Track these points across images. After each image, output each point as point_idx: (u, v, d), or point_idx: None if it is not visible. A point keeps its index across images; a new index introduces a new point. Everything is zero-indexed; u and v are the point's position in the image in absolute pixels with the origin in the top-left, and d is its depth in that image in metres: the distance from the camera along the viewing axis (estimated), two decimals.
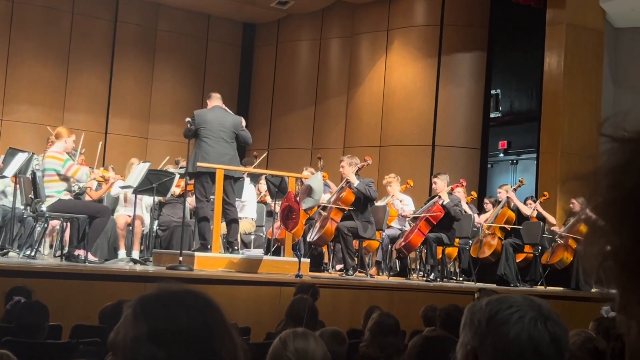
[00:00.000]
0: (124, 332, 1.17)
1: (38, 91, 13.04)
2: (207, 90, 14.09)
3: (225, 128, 7.60)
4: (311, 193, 7.14)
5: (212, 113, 7.71)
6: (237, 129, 7.71)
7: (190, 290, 1.22)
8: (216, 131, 7.54)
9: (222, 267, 7.24)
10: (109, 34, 13.86)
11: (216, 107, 7.78)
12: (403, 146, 12.82)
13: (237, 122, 7.77)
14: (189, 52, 14.51)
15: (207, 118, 7.60)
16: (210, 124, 7.55)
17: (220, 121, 7.61)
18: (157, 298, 1.19)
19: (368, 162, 8.84)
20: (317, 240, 8.49)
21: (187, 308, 1.17)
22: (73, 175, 7.32)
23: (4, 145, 10.03)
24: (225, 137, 7.58)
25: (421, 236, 8.75)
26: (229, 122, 7.67)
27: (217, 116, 7.64)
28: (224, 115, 7.72)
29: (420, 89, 12.87)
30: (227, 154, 7.57)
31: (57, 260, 7.78)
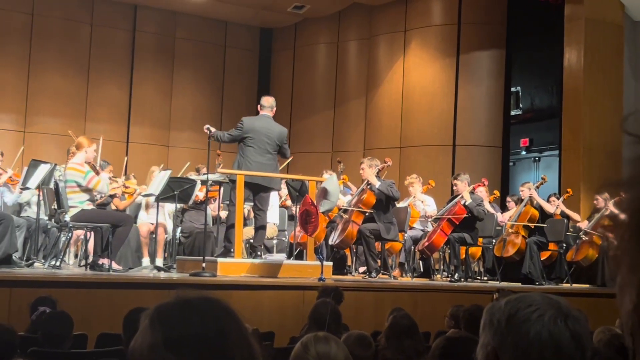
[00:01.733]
0: (141, 341, 1.18)
1: (59, 102, 13.17)
2: (226, 96, 14.19)
3: (271, 139, 7.65)
4: (327, 195, 7.13)
5: (260, 121, 7.73)
6: (282, 141, 7.75)
7: (206, 298, 1.22)
8: (262, 142, 7.59)
9: (244, 272, 7.25)
10: (127, 44, 13.97)
11: (265, 115, 7.80)
12: (423, 146, 12.78)
13: (283, 134, 7.81)
14: (207, 59, 14.58)
15: (255, 126, 7.63)
16: (258, 133, 7.59)
17: (267, 131, 7.65)
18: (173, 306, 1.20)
19: (388, 164, 8.82)
20: (339, 243, 8.48)
21: (203, 315, 1.17)
22: (95, 188, 7.37)
23: (27, 157, 10.12)
24: (269, 148, 7.63)
25: (444, 237, 8.71)
26: (276, 134, 7.71)
27: (264, 125, 7.67)
28: (271, 126, 7.75)
29: (440, 88, 12.83)
30: (269, 165, 7.61)
31: (82, 270, 7.83)
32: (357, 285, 7.40)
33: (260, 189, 7.55)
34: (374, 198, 8.34)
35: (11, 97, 12.88)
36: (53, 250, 7.97)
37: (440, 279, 9.56)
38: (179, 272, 7.75)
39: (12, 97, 12.88)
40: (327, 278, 7.22)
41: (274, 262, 7.59)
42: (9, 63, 12.87)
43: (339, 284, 6.71)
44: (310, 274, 7.41)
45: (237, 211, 7.36)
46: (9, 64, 12.87)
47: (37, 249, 8.19)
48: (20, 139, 12.66)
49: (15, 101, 12.91)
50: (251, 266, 7.34)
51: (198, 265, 7.10)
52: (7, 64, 12.86)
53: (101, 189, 7.44)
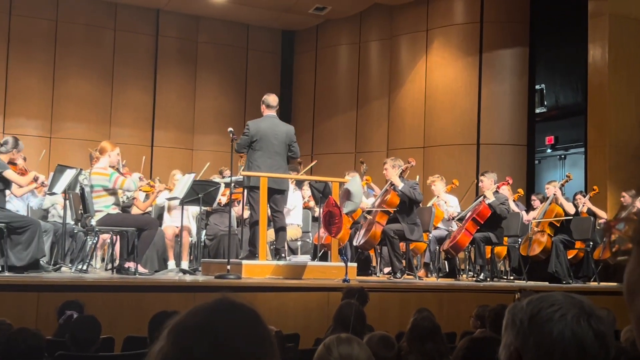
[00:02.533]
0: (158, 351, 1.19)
1: (84, 108, 13.30)
2: (250, 99, 14.24)
3: (279, 140, 7.59)
4: (350, 196, 7.12)
5: (266, 122, 7.66)
6: (291, 140, 7.70)
7: (218, 315, 1.21)
8: (270, 144, 7.53)
9: (269, 275, 7.26)
10: (151, 48, 14.08)
11: (269, 116, 7.73)
12: (447, 146, 12.74)
13: (291, 133, 7.74)
14: (229, 62, 14.65)
15: (261, 129, 7.56)
16: (265, 135, 7.52)
17: (274, 132, 7.58)
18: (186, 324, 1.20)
19: (412, 164, 8.80)
20: (363, 244, 8.48)
21: (215, 335, 1.17)
22: (121, 186, 7.43)
23: (53, 162, 10.25)
24: (278, 150, 7.57)
25: (469, 236, 8.67)
26: (283, 134, 7.65)
27: (271, 126, 7.61)
28: (278, 125, 7.70)
29: (463, 87, 12.78)
30: (279, 167, 7.57)
31: (109, 274, 7.90)
32: (382, 286, 7.40)
33: (272, 191, 7.54)
34: (398, 199, 8.32)
35: (37, 104, 13.03)
36: (80, 255, 8.05)
37: (465, 278, 9.52)
38: (204, 274, 7.79)
39: (37, 103, 13.03)
40: (352, 279, 7.21)
41: (298, 264, 7.60)
42: (34, 69, 13.02)
43: (363, 285, 6.71)
44: (334, 275, 7.41)
45: (260, 213, 7.38)
46: (34, 71, 13.03)
47: (64, 254, 8.27)
48: (46, 145, 12.80)
49: (41, 107, 13.06)
50: (276, 268, 7.35)
51: (223, 267, 7.13)
52: (32, 71, 13.02)
53: (128, 186, 7.50)
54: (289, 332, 5.09)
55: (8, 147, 7.09)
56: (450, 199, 9.86)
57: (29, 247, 6.82)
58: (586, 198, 9.90)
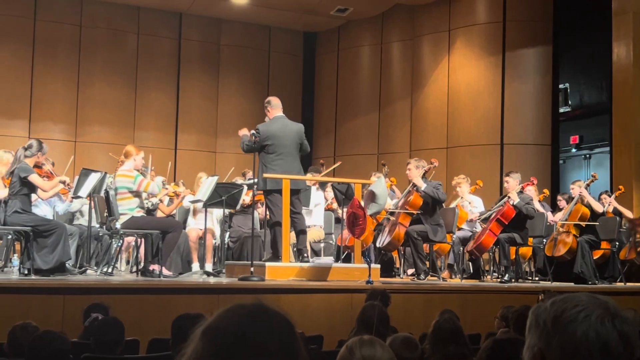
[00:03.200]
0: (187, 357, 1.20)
1: (108, 112, 13.42)
2: None
3: (291, 139, 7.56)
4: (375, 198, 7.10)
5: (277, 124, 7.65)
6: (301, 138, 7.69)
7: (253, 321, 1.22)
8: (282, 144, 7.51)
9: (293, 276, 7.27)
10: (173, 52, 14.17)
11: (279, 117, 7.73)
12: (471, 146, 12.68)
13: (301, 131, 7.72)
14: (251, 64, 14.70)
15: (272, 130, 7.54)
16: (277, 138, 7.50)
17: (285, 132, 7.56)
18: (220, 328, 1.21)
19: (435, 165, 8.77)
20: (386, 246, 8.46)
21: (249, 340, 1.18)
22: (146, 189, 7.48)
23: (78, 166, 10.35)
24: (291, 150, 7.55)
25: (493, 237, 8.61)
26: (294, 132, 7.63)
27: (281, 127, 7.60)
28: (288, 125, 7.68)
29: (486, 87, 12.72)
30: (294, 168, 7.54)
31: (133, 276, 7.95)
32: (406, 287, 7.38)
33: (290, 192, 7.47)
34: (421, 200, 8.29)
35: (61, 108, 13.16)
36: (105, 257, 8.12)
37: (490, 280, 9.46)
38: (228, 276, 7.81)
39: (62, 107, 13.17)
40: (375, 281, 7.21)
41: (321, 266, 7.61)
42: (58, 74, 13.16)
43: (386, 287, 6.70)
44: (358, 276, 7.40)
45: (283, 215, 7.39)
46: (58, 75, 13.16)
47: (89, 257, 8.35)
48: (71, 149, 12.93)
49: (66, 111, 13.19)
50: (299, 270, 7.36)
51: (247, 269, 7.15)
52: (57, 75, 13.15)
53: (152, 189, 7.55)
54: (312, 334, 5.10)
55: (33, 151, 7.16)
56: (474, 199, 9.81)
57: (54, 250, 6.89)
58: (612, 197, 9.80)
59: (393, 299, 5.33)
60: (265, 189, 7.49)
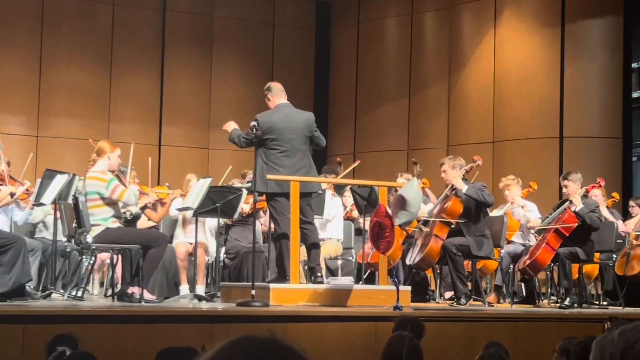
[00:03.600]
0: None
1: (77, 100, 13.48)
2: None
3: (297, 132, 7.60)
4: (405, 205, 7.09)
5: (279, 114, 7.69)
6: (311, 129, 7.72)
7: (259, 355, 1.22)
8: (286, 138, 7.54)
9: (303, 301, 7.28)
10: (157, 27, 14.23)
11: (282, 105, 7.78)
12: (522, 140, 12.67)
13: (310, 121, 7.76)
14: (252, 41, 14.73)
15: (273, 121, 7.60)
16: (279, 129, 7.55)
17: (290, 124, 7.61)
18: None
19: (477, 163, 8.76)
20: (419, 263, 8.46)
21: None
22: (119, 198, 7.51)
23: (41, 167, 10.40)
24: (297, 144, 7.59)
25: (550, 252, 8.61)
26: (300, 123, 7.67)
27: (285, 117, 7.64)
28: (294, 115, 7.72)
29: (541, 67, 12.71)
30: (302, 167, 7.58)
31: (108, 301, 8.00)
32: (443, 314, 7.40)
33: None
34: (461, 206, 8.28)
35: (20, 96, 13.22)
36: (74, 278, 8.16)
37: (547, 305, 9.47)
38: (224, 301, 7.85)
39: (21, 95, 13.22)
40: (405, 306, 7.21)
41: (339, 288, 7.61)
42: (16, 55, 13.19)
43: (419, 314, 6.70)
44: (383, 301, 7.41)
45: (292, 225, 7.40)
46: (16, 57, 13.19)
47: (54, 277, 8.39)
48: (33, 145, 13.00)
49: (26, 100, 13.25)
50: (311, 293, 7.38)
51: (247, 292, 7.17)
52: (15, 57, 13.19)
53: (127, 199, 7.58)
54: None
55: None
56: (528, 205, 9.79)
57: (12, 270, 6.94)
58: None
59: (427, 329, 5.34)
60: (267, 191, 7.51)
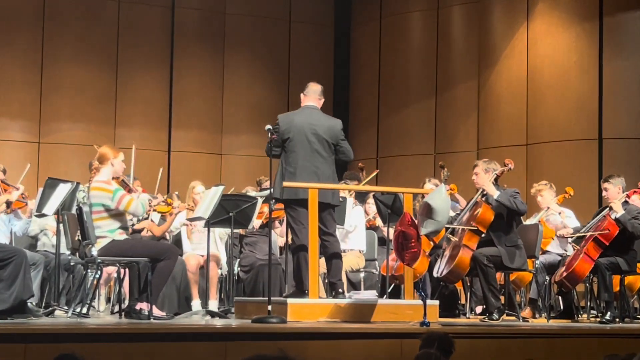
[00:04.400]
0: None
1: (82, 103, 13.54)
2: (294, 86, 14.32)
3: (320, 137, 7.63)
4: (432, 213, 7.05)
5: (301, 116, 7.73)
6: (336, 138, 7.73)
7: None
8: (305, 141, 7.57)
9: (324, 317, 7.29)
10: (165, 25, 14.27)
11: (308, 107, 7.81)
12: (558, 142, 12.64)
13: (337, 128, 7.78)
14: (267, 39, 14.75)
15: (294, 123, 7.63)
16: (299, 131, 7.58)
17: (312, 126, 7.63)
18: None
19: (509, 167, 8.72)
20: (447, 276, 8.43)
21: None
22: (126, 209, 7.50)
23: (43, 174, 10.45)
24: (318, 148, 7.61)
25: (589, 262, 8.56)
26: (325, 129, 7.69)
27: (307, 119, 7.66)
28: (318, 118, 7.74)
29: (578, 63, 12.68)
30: (322, 174, 7.60)
31: (115, 318, 8.01)
32: (473, 330, 7.37)
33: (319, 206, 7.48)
34: (492, 213, 8.25)
35: (21, 99, 13.28)
36: (78, 294, 8.17)
37: (586, 319, 9.41)
38: (239, 317, 7.84)
39: (21, 98, 13.28)
40: (432, 322, 7.21)
41: (361, 302, 7.61)
42: (17, 55, 13.27)
43: (447, 330, 6.67)
44: (409, 316, 7.42)
45: (310, 234, 7.40)
46: (17, 57, 13.27)
47: (58, 293, 8.41)
48: (34, 152, 13.06)
49: (26, 104, 13.31)
50: (332, 308, 7.38)
51: (263, 308, 7.17)
52: (15, 57, 13.26)
53: (135, 210, 7.57)
54: None
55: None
56: (564, 212, 9.75)
57: (12, 286, 6.95)
58: None
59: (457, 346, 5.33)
60: (282, 197, 7.55)
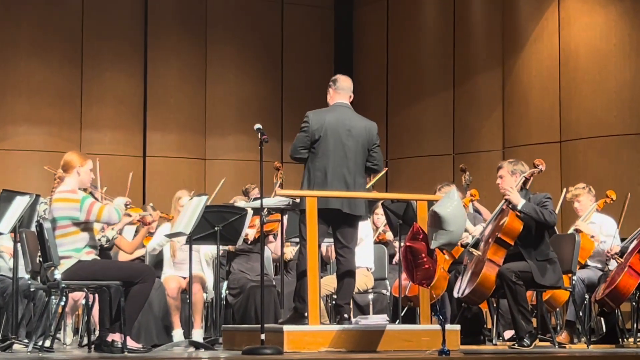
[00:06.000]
0: None
1: (42, 103, 13.55)
2: (287, 79, 14.31)
3: (355, 139, 7.69)
4: (442, 223, 6.95)
5: (335, 113, 7.77)
6: (371, 143, 7.79)
7: None
8: (339, 145, 7.63)
9: (326, 346, 7.27)
10: (138, 10, 14.29)
11: (340, 105, 7.85)
12: (596, 138, 12.66)
13: (373, 132, 7.85)
14: (256, 24, 14.76)
15: (327, 122, 7.67)
16: (332, 132, 7.63)
17: (347, 128, 7.69)
18: None
19: (539, 169, 8.70)
20: (469, 296, 8.41)
21: None
22: (98, 218, 7.48)
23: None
24: (352, 154, 7.67)
25: (635, 278, 8.60)
26: (361, 131, 7.75)
27: (342, 119, 7.71)
28: (352, 119, 7.79)
29: (617, 48, 12.70)
30: (354, 183, 7.64)
31: (84, 352, 7.98)
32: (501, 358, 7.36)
33: (340, 217, 7.55)
34: (520, 223, 8.22)
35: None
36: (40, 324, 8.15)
37: (633, 344, 9.39)
38: (227, 348, 7.85)
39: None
40: (453, 350, 7.17)
41: (370, 329, 7.60)
42: None
43: (471, 359, 6.66)
44: (426, 344, 7.40)
45: (309, 253, 7.37)
46: None
47: (16, 324, 8.39)
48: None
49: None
50: (336, 336, 7.36)
51: (255, 337, 7.16)
52: None
53: (109, 217, 7.56)
54: None
55: None
56: (605, 220, 9.74)
57: None
58: None
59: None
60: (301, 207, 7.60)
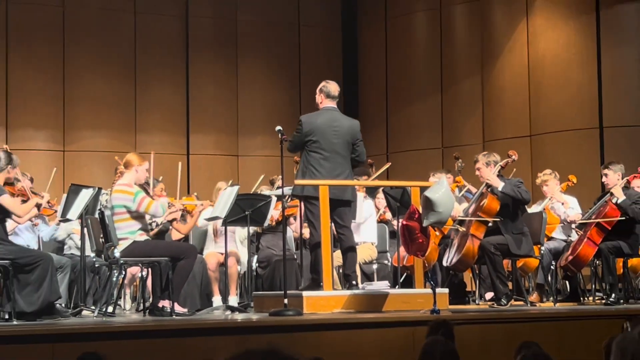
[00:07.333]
0: None
1: (102, 112, 13.57)
2: (305, 88, 14.31)
3: (340, 137, 7.71)
4: (432, 206, 7.01)
5: (324, 116, 7.79)
6: (355, 138, 7.81)
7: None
8: (328, 142, 7.66)
9: (338, 308, 7.30)
10: (180, 33, 14.30)
11: (328, 108, 7.86)
12: (560, 132, 12.59)
13: (355, 129, 7.86)
14: (278, 44, 14.75)
15: (317, 125, 7.70)
16: (322, 132, 7.66)
17: (333, 128, 7.71)
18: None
19: (513, 158, 8.69)
20: (456, 264, 8.41)
21: None
22: (146, 210, 7.54)
23: (68, 181, 10.49)
24: (339, 149, 7.69)
25: (593, 247, 8.54)
26: (345, 130, 7.77)
27: (329, 121, 7.73)
28: (339, 119, 7.80)
29: (577, 56, 12.62)
30: (341, 173, 7.67)
31: (140, 316, 8.03)
32: (482, 316, 7.33)
33: (334, 203, 7.59)
34: (498, 203, 8.22)
35: (44, 110, 13.31)
36: (104, 294, 8.21)
37: (592, 302, 9.37)
38: (257, 311, 7.87)
39: (45, 109, 13.31)
40: (443, 309, 7.17)
41: (375, 293, 7.62)
42: (39, 68, 13.29)
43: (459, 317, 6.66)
44: (421, 305, 7.38)
45: (322, 229, 7.40)
46: (39, 70, 13.29)
47: (85, 294, 8.45)
48: (59, 160, 13.10)
49: (50, 114, 13.35)
50: (346, 299, 7.39)
51: (279, 301, 7.18)
52: (38, 70, 13.28)
53: (155, 211, 7.61)
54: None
55: (1, 165, 7.26)
56: (568, 199, 9.72)
57: (40, 288, 6.97)
58: None
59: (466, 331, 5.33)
60: (302, 194, 7.61)
